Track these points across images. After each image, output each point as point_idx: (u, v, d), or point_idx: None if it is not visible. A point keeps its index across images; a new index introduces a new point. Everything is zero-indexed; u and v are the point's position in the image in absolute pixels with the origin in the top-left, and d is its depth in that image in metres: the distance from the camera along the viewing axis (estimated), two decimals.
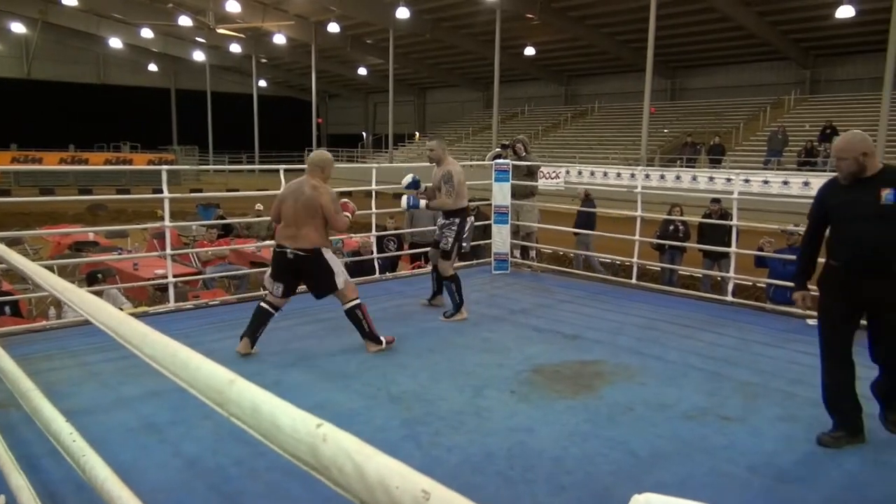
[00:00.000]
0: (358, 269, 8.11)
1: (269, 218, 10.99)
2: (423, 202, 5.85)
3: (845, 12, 20.72)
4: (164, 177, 5.84)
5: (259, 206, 12.34)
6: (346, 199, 5.17)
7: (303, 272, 4.74)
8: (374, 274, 7.39)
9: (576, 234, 9.10)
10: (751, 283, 8.35)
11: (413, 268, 9.09)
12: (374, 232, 7.56)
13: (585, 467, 3.11)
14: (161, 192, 5.90)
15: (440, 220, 5.96)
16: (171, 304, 5.99)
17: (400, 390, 4.04)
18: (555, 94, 35.54)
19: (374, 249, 7.68)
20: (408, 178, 6.04)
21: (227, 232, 12.03)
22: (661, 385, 4.20)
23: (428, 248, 9.30)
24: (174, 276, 6.15)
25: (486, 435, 3.43)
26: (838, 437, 3.37)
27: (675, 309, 6.16)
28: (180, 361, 1.13)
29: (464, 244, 5.91)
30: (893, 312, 3.26)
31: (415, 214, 9.32)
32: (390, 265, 9.17)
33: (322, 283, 4.76)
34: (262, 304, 4.83)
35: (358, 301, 4.81)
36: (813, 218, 3.50)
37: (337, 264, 4.77)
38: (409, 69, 37.52)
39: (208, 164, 36.66)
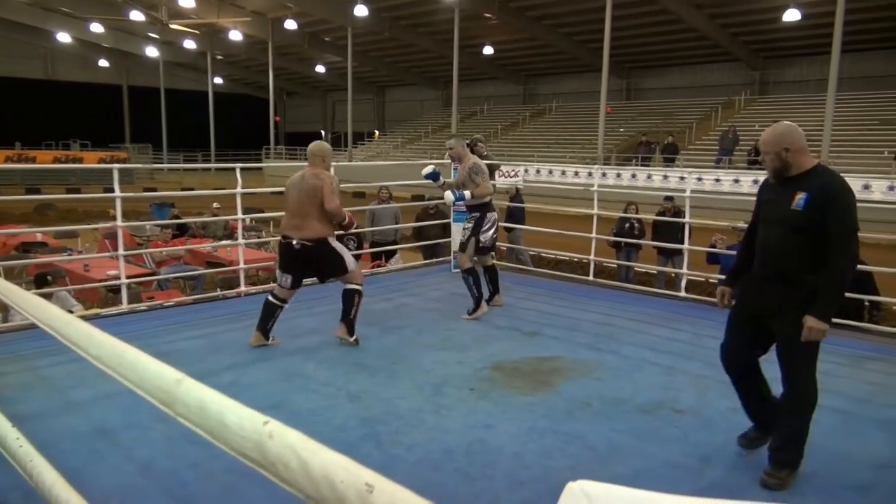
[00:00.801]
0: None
1: (226, 217, 10.81)
2: (467, 193, 5.79)
3: (792, 16, 21.37)
4: (116, 175, 5.69)
5: (216, 206, 12.10)
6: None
7: (309, 262, 4.83)
8: None
9: (508, 230, 9.18)
10: (703, 279, 8.55)
11: (372, 267, 9.05)
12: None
13: (544, 462, 3.14)
14: (113, 191, 5.75)
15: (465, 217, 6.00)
16: (125, 306, 5.84)
17: (359, 389, 4.02)
18: (513, 93, 35.78)
19: None
20: (428, 169, 6.07)
21: (182, 232, 11.78)
22: (617, 380, 4.27)
23: (388, 248, 9.32)
24: (127, 277, 6.00)
25: (446, 432, 3.44)
26: (753, 439, 3.26)
27: (631, 305, 6.27)
28: (127, 362, 1.10)
29: (481, 238, 5.82)
30: (786, 328, 2.95)
31: (376, 213, 9.28)
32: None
33: (330, 269, 4.87)
34: (270, 297, 4.90)
35: (360, 289, 4.93)
36: (753, 216, 3.26)
37: (344, 250, 4.89)
38: (368, 67, 37.33)
39: (163, 163, 35.86)
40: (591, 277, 7.18)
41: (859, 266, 5.68)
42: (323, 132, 45.89)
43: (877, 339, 5.27)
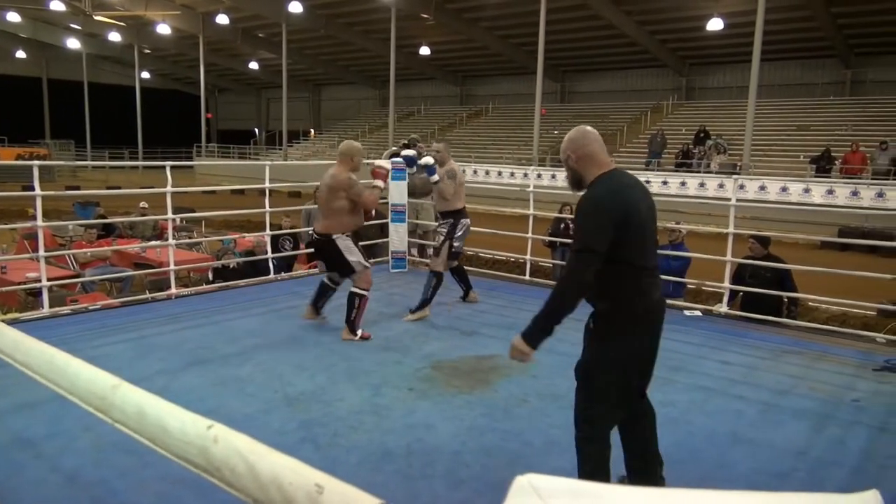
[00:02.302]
0: (252, 269, 7.88)
1: (155, 217, 10.46)
2: (435, 177, 5.96)
3: (715, 24, 22.26)
4: (36, 172, 5.42)
5: (143, 205, 11.69)
6: (377, 164, 5.41)
7: (322, 254, 5.19)
8: (269, 274, 7.20)
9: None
10: None
11: (309, 267, 8.93)
12: (268, 231, 7.35)
13: (483, 460, 3.18)
14: (32, 188, 5.47)
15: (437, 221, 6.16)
16: (46, 310, 5.58)
17: (297, 392, 3.97)
18: (450, 94, 35.94)
19: (269, 249, 7.47)
20: (408, 151, 6.37)
21: (108, 232, 11.34)
22: (554, 377, 4.36)
23: None
24: (49, 280, 5.73)
25: (385, 433, 3.43)
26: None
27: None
28: (58, 367, 1.06)
29: (455, 243, 6.00)
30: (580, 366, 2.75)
31: (312, 213, 9.16)
32: (286, 265, 8.96)
33: (338, 265, 5.15)
34: (325, 279, 5.43)
35: (364, 293, 5.15)
36: None
37: (352, 250, 5.09)
38: (304, 65, 36.77)
39: (86, 160, 34.36)
40: (527, 277, 7.30)
41: (780, 265, 6.03)
42: (257, 130, 44.99)
43: (795, 334, 5.57)
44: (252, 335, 5.10)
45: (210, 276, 8.44)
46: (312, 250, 5.21)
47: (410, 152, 6.31)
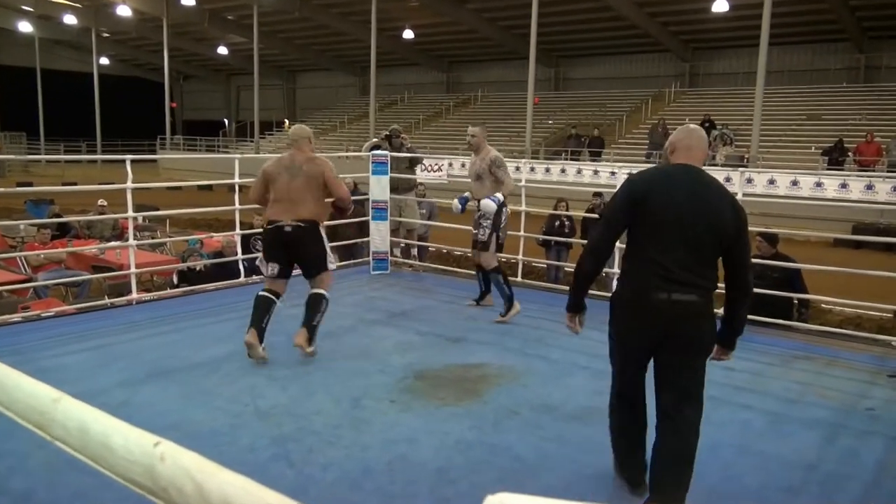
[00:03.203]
0: (221, 272, 7.84)
1: (115, 216, 10.38)
2: (498, 195, 5.92)
3: (721, 6, 22.43)
4: None
5: (102, 202, 11.60)
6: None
7: (298, 247, 4.81)
8: (239, 277, 7.16)
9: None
10: None
11: None
12: (238, 230, 7.31)
13: (470, 477, 3.18)
14: None
15: (476, 213, 6.04)
16: None
17: (269, 405, 3.95)
18: (436, 80, 35.96)
19: (239, 250, 7.43)
20: (456, 204, 6.20)
21: (63, 232, 11.25)
22: (547, 386, 4.37)
23: None
24: None
25: (365, 449, 3.42)
26: None
27: (561, 307, 6.35)
28: None
29: (501, 234, 5.98)
30: None
31: None
32: (257, 267, 8.91)
33: (314, 259, 4.88)
34: (262, 292, 4.86)
35: (328, 295, 4.96)
36: None
37: (329, 247, 5.00)
38: (277, 50, 36.66)
39: (39, 153, 34.02)
40: (519, 278, 7.31)
41: (790, 264, 6.07)
42: (226, 121, 44.77)
43: (805, 338, 5.61)
44: (220, 343, 5.07)
45: (175, 279, 8.39)
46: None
47: (465, 195, 6.18)
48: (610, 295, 3.06)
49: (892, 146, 18.25)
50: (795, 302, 6.35)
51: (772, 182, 17.68)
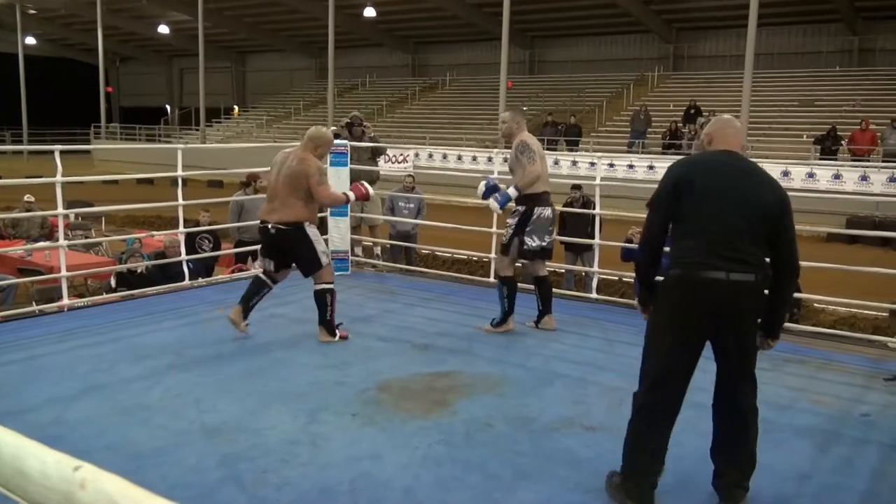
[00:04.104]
0: (163, 274, 7.75)
1: (43, 213, 10.21)
2: (511, 191, 5.56)
3: None
4: None
5: (29, 198, 11.37)
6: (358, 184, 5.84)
7: (285, 249, 5.29)
8: (184, 280, 7.07)
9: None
10: (616, 278, 8.93)
11: (232, 271, 8.82)
12: (182, 228, 7.23)
13: (439, 496, 3.18)
14: None
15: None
16: None
17: (218, 420, 3.91)
18: (400, 63, 35.92)
19: (183, 250, 7.35)
20: (482, 187, 5.78)
21: None
22: (523, 396, 4.39)
23: (256, 248, 9.12)
24: None
25: (324, 467, 3.41)
26: None
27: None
28: None
29: (527, 239, 5.51)
30: None
31: (245, 206, 9.08)
32: (204, 269, 8.83)
33: (305, 260, 5.30)
34: (262, 274, 5.46)
35: (331, 286, 5.33)
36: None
37: (320, 241, 5.32)
38: (224, 28, 36.29)
39: None
40: (491, 279, 7.33)
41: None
42: (168, 107, 44.20)
43: (796, 340, 5.70)
44: (163, 353, 5.01)
45: (112, 283, 8.26)
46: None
47: (482, 186, 5.77)
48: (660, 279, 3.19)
49: (887, 134, 18.66)
50: None
51: None
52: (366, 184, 5.83)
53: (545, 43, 32.05)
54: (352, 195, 5.73)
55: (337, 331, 5.37)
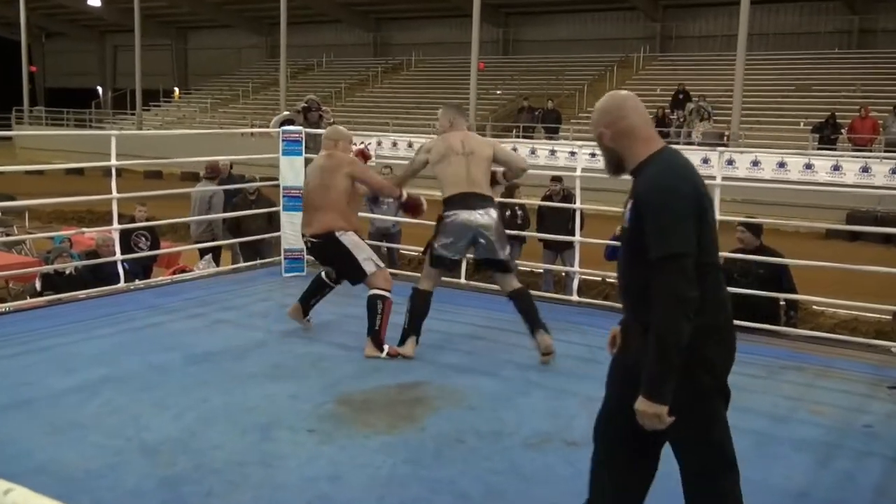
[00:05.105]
0: (95, 276, 7.65)
1: None
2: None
3: None
4: None
5: None
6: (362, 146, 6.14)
7: (327, 260, 5.63)
8: (118, 282, 6.99)
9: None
10: (599, 279, 8.99)
11: (173, 272, 8.74)
12: (116, 225, 7.13)
13: None
14: None
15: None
16: None
17: (158, 438, 3.88)
18: (361, 41, 35.81)
19: (118, 249, 7.25)
20: None
21: None
22: (497, 408, 4.41)
23: (208, 245, 9.08)
24: None
25: (277, 489, 3.40)
26: None
27: (512, 313, 6.45)
28: None
29: (437, 247, 5.34)
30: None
31: (213, 200, 9.05)
32: (141, 270, 8.73)
33: (347, 270, 5.51)
34: (322, 273, 5.80)
35: (385, 294, 5.35)
36: None
37: (361, 248, 5.45)
38: (164, 1, 35.86)
39: None
40: (462, 280, 7.34)
41: (776, 259, 6.27)
42: (100, 89, 43.60)
43: (794, 345, 5.81)
44: (96, 364, 4.95)
45: (37, 285, 8.14)
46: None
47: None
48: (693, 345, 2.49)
49: (890, 122, 18.96)
50: (783, 303, 6.54)
51: (756, 164, 18.20)
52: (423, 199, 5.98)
53: (520, 21, 32.17)
54: (404, 194, 5.81)
55: (386, 346, 5.27)
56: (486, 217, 5.30)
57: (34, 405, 4.30)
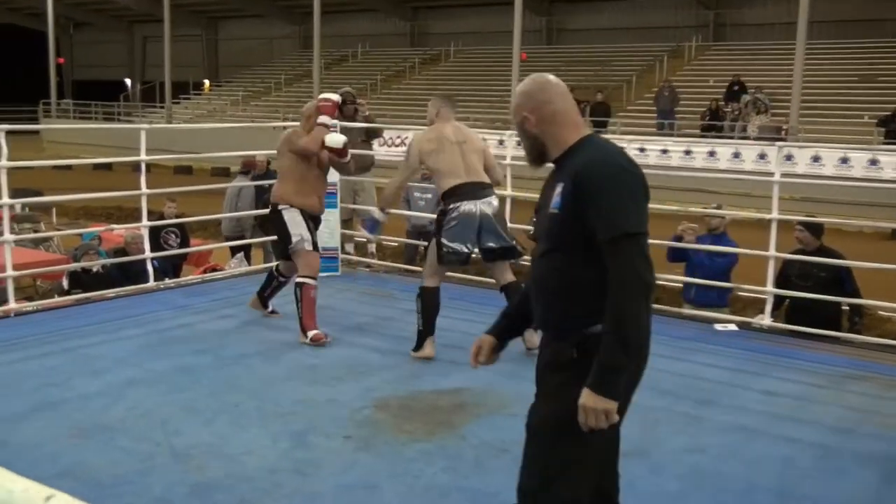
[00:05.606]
0: (123, 274, 7.75)
1: None
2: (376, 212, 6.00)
3: None
4: None
5: None
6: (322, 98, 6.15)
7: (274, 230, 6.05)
8: (147, 281, 7.07)
9: None
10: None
11: (204, 271, 8.82)
12: (145, 221, 7.22)
13: None
14: None
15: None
16: None
17: (188, 444, 3.92)
18: (397, 31, 35.88)
19: (147, 246, 7.34)
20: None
21: None
22: None
23: (241, 242, 9.18)
24: None
25: (312, 498, 3.41)
26: None
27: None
28: None
29: (446, 244, 5.29)
30: (539, 404, 2.69)
31: (242, 195, 9.13)
32: (171, 268, 8.83)
33: (280, 243, 5.96)
34: (274, 268, 6.23)
35: (305, 281, 5.67)
36: None
37: (297, 225, 5.71)
38: None
39: None
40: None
41: (838, 261, 6.16)
42: (129, 81, 44.22)
43: (859, 353, 5.69)
44: (124, 366, 5.02)
45: (64, 284, 8.27)
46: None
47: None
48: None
49: None
50: (846, 308, 6.43)
51: (816, 159, 17.91)
52: (330, 97, 6.10)
53: (565, 8, 32.00)
54: (325, 119, 5.88)
55: (310, 332, 5.58)
56: (489, 206, 5.39)
57: (60, 407, 4.36)
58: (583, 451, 2.44)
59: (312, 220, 5.87)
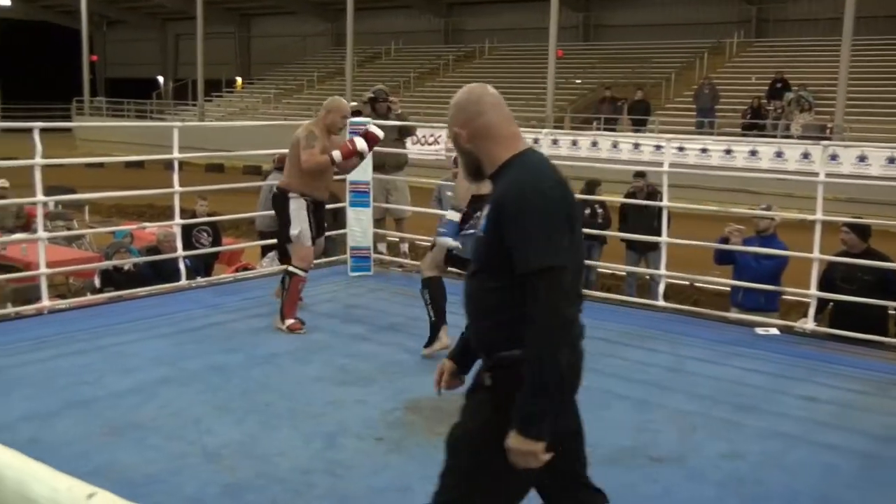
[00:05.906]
0: (155, 272, 7.83)
1: (19, 201, 10.39)
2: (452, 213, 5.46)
3: None
4: None
5: (2, 184, 11.58)
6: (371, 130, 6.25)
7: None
8: (179, 279, 7.15)
9: None
10: (687, 283, 8.84)
11: (235, 269, 8.90)
12: (177, 220, 7.30)
13: None
14: None
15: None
16: None
17: (220, 443, 3.95)
18: (431, 28, 35.89)
19: (179, 245, 7.42)
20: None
21: None
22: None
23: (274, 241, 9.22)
24: None
25: (344, 500, 3.43)
26: None
27: (593, 318, 6.35)
28: None
29: (458, 244, 5.30)
30: (455, 430, 2.67)
31: (264, 189, 9.18)
32: (203, 267, 8.92)
33: (281, 230, 6.14)
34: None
35: (296, 271, 5.86)
36: None
37: (300, 219, 5.85)
38: None
39: None
40: None
41: (885, 264, 6.07)
42: (161, 79, 44.66)
43: None
44: (156, 364, 5.08)
45: (96, 282, 8.38)
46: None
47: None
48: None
49: None
50: (893, 312, 6.35)
51: (862, 159, 17.64)
52: (360, 139, 6.01)
53: (603, 4, 31.81)
54: (337, 155, 5.90)
55: (288, 321, 5.81)
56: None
57: (92, 405, 4.42)
58: (490, 479, 2.43)
59: (316, 207, 6.04)
